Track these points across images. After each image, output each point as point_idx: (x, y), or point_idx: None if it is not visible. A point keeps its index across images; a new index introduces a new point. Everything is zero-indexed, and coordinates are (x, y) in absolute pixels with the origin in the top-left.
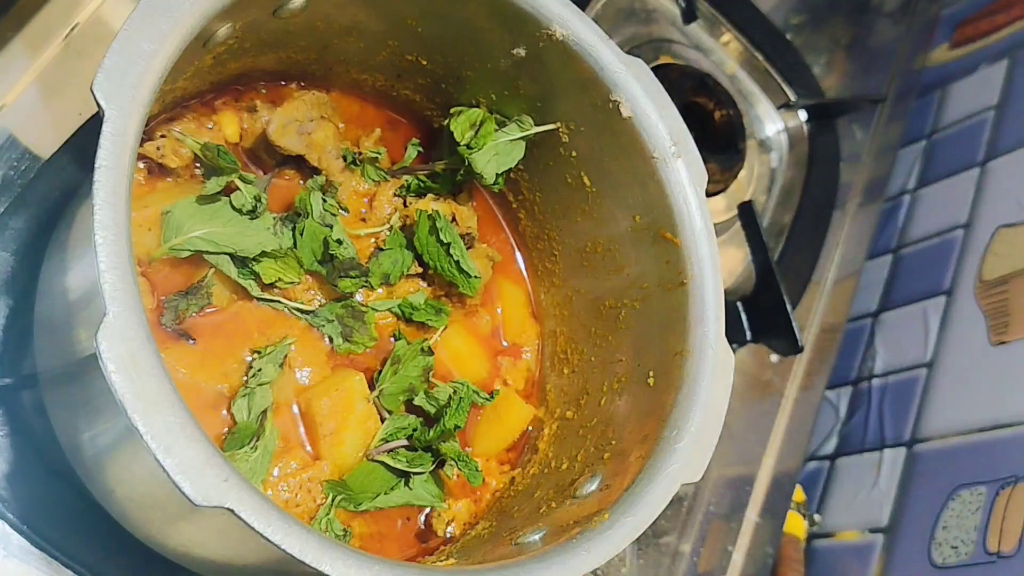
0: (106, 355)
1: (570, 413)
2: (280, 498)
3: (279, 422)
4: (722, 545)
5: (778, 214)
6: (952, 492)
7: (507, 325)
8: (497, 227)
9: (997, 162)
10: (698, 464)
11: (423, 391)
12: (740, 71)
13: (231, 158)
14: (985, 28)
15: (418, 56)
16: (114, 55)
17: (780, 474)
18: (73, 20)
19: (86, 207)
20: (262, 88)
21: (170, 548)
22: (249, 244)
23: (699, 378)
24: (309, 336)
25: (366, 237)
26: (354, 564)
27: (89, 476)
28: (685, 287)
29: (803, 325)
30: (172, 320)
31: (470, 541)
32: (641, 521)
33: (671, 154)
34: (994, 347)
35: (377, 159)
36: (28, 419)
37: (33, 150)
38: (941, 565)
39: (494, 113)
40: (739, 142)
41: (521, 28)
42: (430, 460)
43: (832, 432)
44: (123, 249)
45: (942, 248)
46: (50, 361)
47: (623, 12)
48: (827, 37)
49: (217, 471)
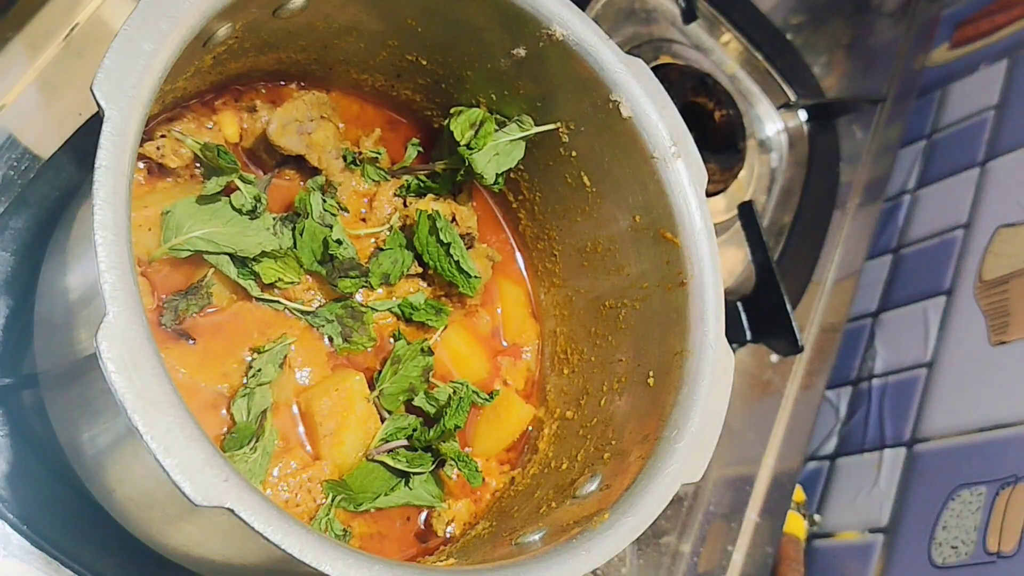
0: (106, 355)
1: (570, 413)
2: (280, 498)
3: (279, 422)
4: (722, 545)
5: (778, 214)
6: (952, 492)
7: (507, 325)
8: (497, 227)
9: (997, 162)
10: (698, 464)
11: (423, 391)
12: (740, 71)
13: (231, 158)
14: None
15: (418, 56)
16: (114, 55)
17: (780, 474)
18: (73, 20)
19: (86, 207)
20: (262, 88)
21: (170, 548)
22: (249, 244)
23: (699, 378)
24: (309, 336)
25: (366, 237)
26: (354, 564)
27: (89, 476)
28: (685, 287)
29: (803, 325)
30: (172, 320)
31: (470, 541)
32: (641, 521)
33: (671, 154)
34: (994, 347)
35: (377, 159)
36: (28, 419)
37: (33, 150)
38: (941, 565)
39: (494, 113)
40: (739, 142)
41: (521, 28)
42: (430, 460)
43: (832, 432)
44: (123, 249)
45: (942, 248)
46: (50, 361)
47: (623, 12)
48: (827, 37)
49: (217, 471)
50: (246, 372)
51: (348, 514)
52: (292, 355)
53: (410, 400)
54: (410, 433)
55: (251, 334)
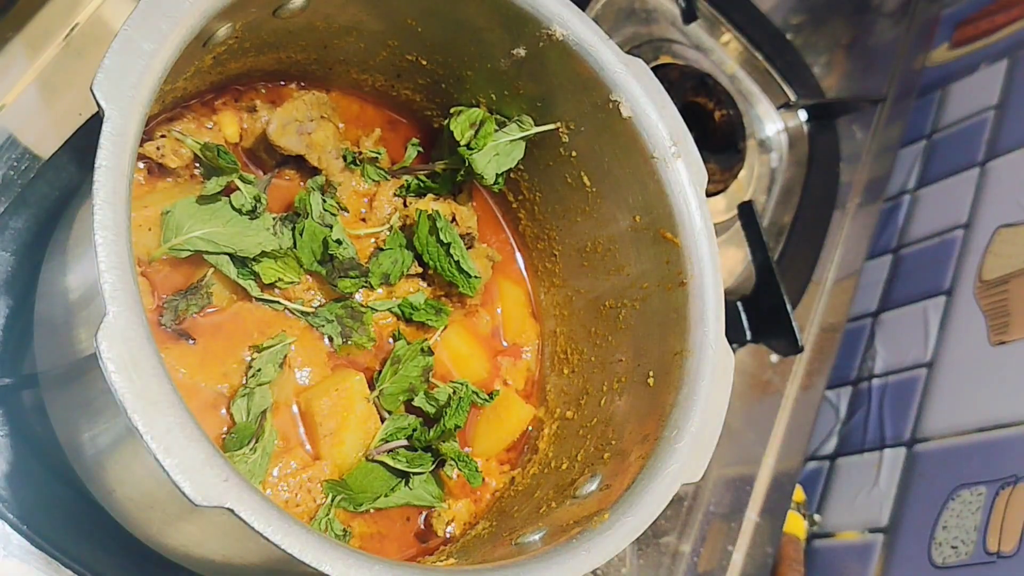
0: (106, 355)
1: (570, 413)
2: (280, 498)
3: (279, 422)
4: (722, 545)
5: (778, 214)
6: (952, 492)
7: (507, 325)
8: (497, 227)
9: (997, 162)
10: (698, 464)
11: (423, 391)
12: (740, 71)
13: (231, 158)
14: (985, 28)
15: (418, 56)
16: (114, 55)
17: (780, 474)
18: (73, 20)
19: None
20: (262, 88)
21: (170, 548)
22: (249, 244)
23: (699, 378)
24: (309, 336)
25: (366, 237)
26: (354, 564)
27: (89, 476)
28: (685, 287)
29: (803, 325)
30: (172, 320)
31: (470, 541)
32: (641, 521)
33: (671, 154)
34: (994, 347)
35: (377, 159)
36: (28, 419)
37: (33, 150)
38: (941, 565)
39: (494, 113)
40: (739, 142)
41: (521, 28)
42: (430, 460)
43: (832, 432)
44: (123, 249)
45: (942, 248)
46: (50, 361)
47: (623, 12)
48: (827, 37)
49: (217, 471)
50: (246, 372)
51: (348, 514)
52: (292, 355)
53: (410, 400)
54: (410, 433)
55: (251, 334)
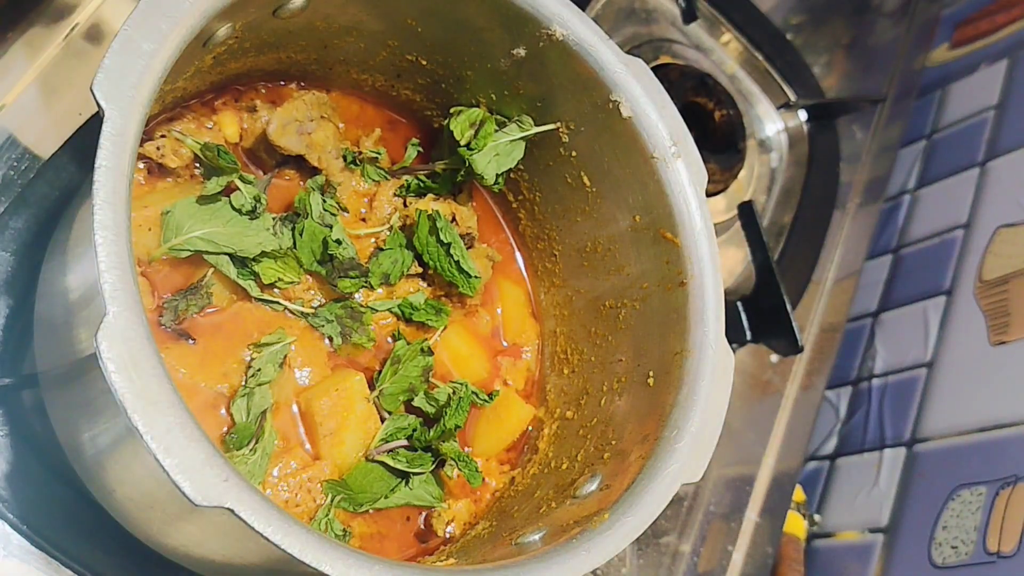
0: (106, 355)
1: (570, 413)
2: (280, 498)
3: (279, 422)
4: (722, 545)
5: (778, 214)
6: (952, 492)
7: (507, 325)
8: (497, 227)
9: (997, 162)
10: (698, 464)
11: (423, 391)
12: (740, 71)
13: (231, 158)
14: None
15: (418, 56)
16: (114, 55)
17: (780, 474)
18: (73, 20)
19: (86, 207)
20: (262, 88)
21: (170, 548)
22: (249, 244)
23: (699, 378)
24: (309, 336)
25: (366, 237)
26: (354, 564)
27: (89, 476)
28: (685, 287)
29: (803, 325)
30: (172, 320)
31: (470, 541)
32: (641, 521)
33: (671, 154)
34: (994, 347)
35: (377, 159)
36: (28, 419)
37: (33, 150)
38: (941, 565)
39: (494, 113)
40: (739, 142)
41: (521, 28)
42: (430, 460)
43: (832, 432)
44: (123, 249)
45: (942, 248)
46: (50, 361)
47: (623, 12)
48: (827, 37)
49: (217, 471)
50: (246, 372)
51: (348, 514)
52: (292, 355)
53: (410, 400)
54: (410, 433)
55: (251, 334)
